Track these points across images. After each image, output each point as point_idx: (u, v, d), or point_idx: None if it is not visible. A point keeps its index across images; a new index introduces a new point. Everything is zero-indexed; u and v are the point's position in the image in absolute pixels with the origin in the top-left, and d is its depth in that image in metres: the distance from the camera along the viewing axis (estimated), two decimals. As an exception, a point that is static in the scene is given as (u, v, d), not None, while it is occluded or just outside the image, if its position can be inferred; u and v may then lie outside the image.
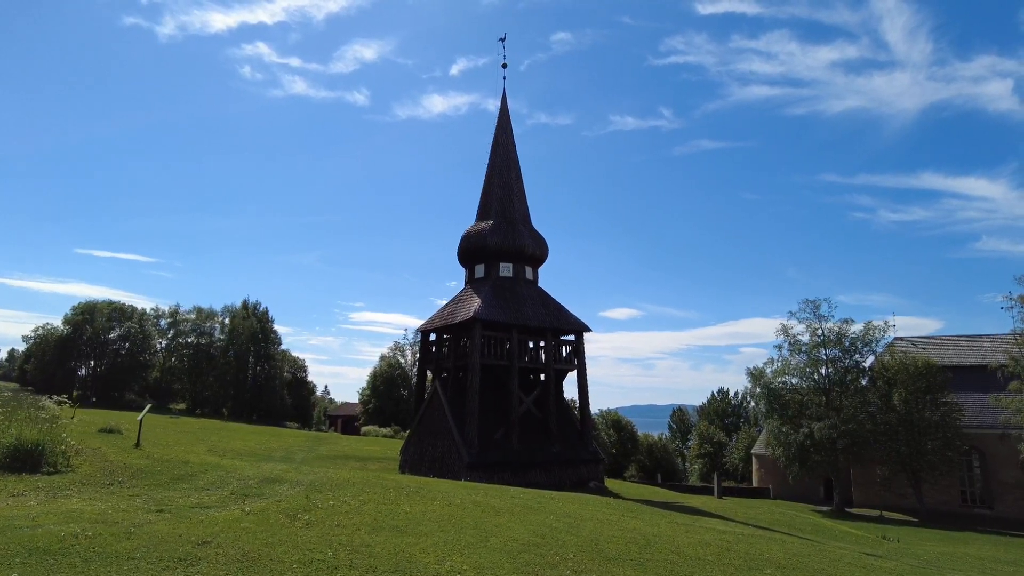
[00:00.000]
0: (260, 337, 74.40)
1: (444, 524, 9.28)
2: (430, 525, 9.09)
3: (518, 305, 27.69)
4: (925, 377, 35.19)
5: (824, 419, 35.11)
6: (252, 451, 29.66)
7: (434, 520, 9.55)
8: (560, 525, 10.52)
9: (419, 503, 11.07)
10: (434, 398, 27.33)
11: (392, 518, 9.33)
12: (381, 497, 11.27)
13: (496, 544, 8.24)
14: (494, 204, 29.81)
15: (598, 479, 27.98)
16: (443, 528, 8.95)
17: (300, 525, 8.09)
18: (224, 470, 12.86)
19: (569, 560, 7.80)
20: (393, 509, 10.16)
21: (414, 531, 8.52)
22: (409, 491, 12.43)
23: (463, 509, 11.04)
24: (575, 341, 29.74)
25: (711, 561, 9.14)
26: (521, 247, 28.82)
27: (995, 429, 34.84)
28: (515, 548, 8.13)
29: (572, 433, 28.84)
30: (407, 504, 10.80)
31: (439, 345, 29.56)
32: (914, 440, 34.19)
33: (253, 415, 70.57)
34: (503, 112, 32.15)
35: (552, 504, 13.89)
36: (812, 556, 11.28)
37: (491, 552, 7.74)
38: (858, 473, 38.46)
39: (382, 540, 7.65)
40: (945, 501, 36.21)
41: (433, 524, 9.24)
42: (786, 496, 41.41)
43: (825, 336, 37.73)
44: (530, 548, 8.23)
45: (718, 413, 62.66)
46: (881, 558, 13.52)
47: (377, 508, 10.05)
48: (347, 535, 7.72)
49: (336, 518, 8.85)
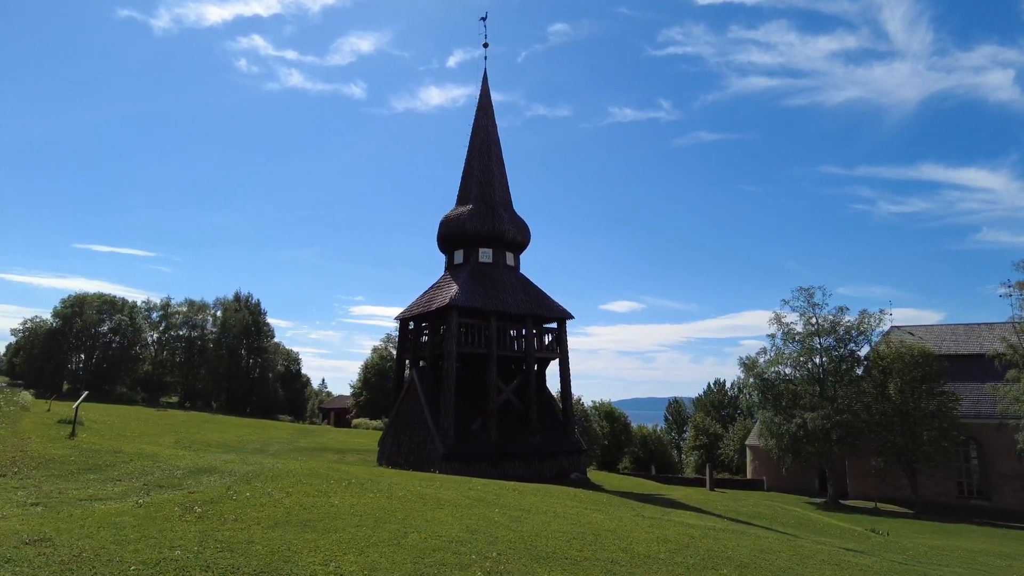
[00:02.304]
0: (252, 330, 73.68)
1: (365, 519, 8.44)
2: (348, 520, 8.26)
3: (497, 291, 26.77)
4: (921, 366, 34.26)
5: (818, 409, 34.22)
6: (225, 443, 28.90)
7: (357, 515, 8.71)
8: (503, 520, 9.68)
9: (353, 496, 10.25)
10: (411, 388, 26.48)
11: (308, 512, 8.50)
12: (313, 489, 10.44)
13: (413, 541, 7.40)
14: (474, 188, 28.83)
15: (580, 470, 27.14)
16: (361, 524, 8.11)
17: (189, 519, 7.26)
18: (155, 460, 12.04)
19: (489, 559, 6.95)
20: (317, 502, 9.33)
21: (323, 527, 7.68)
22: (351, 483, 11.59)
23: (401, 503, 10.22)
24: (557, 329, 28.83)
25: (662, 559, 8.30)
26: (501, 232, 27.86)
27: (993, 419, 33.89)
28: (433, 546, 7.29)
29: (554, 423, 27.97)
30: (338, 497, 9.96)
31: (417, 334, 28.69)
32: (910, 431, 33.30)
33: (246, 408, 69.98)
34: (484, 94, 31.12)
35: (510, 497, 13.06)
36: (781, 552, 10.44)
37: (400, 550, 6.90)
38: (853, 464, 37.58)
39: (275, 536, 6.81)
40: (941, 493, 35.32)
41: (353, 519, 8.41)
42: (781, 488, 40.57)
43: (819, 325, 36.78)
44: (452, 545, 7.39)
45: (714, 405, 61.80)
46: (861, 553, 12.65)
47: (298, 501, 9.22)
48: (235, 531, 6.88)
49: (242, 511, 8.01)
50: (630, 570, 7.40)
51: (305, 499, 9.48)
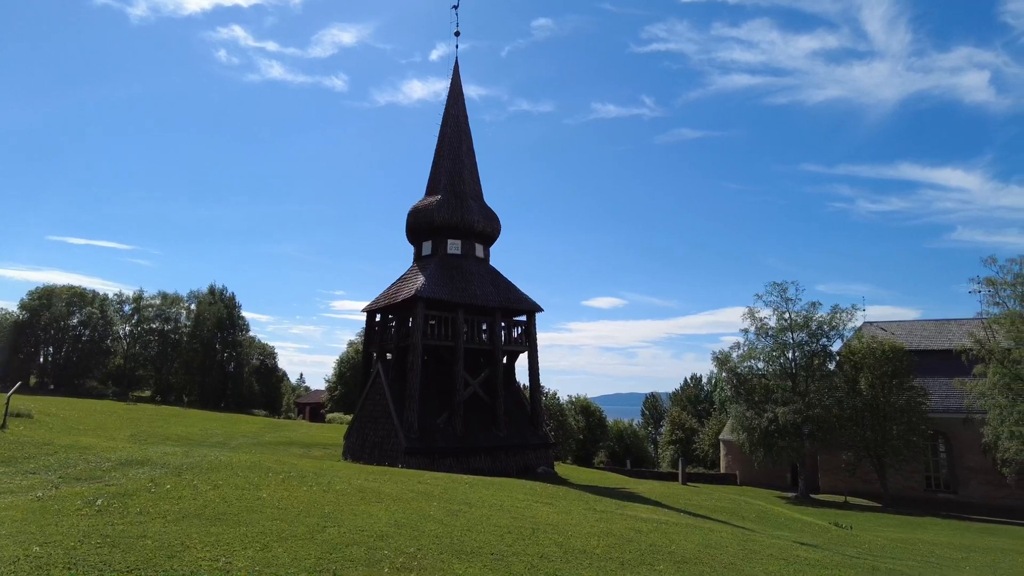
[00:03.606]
0: (227, 323, 72.71)
1: (287, 513, 8.04)
2: (268, 513, 7.86)
3: (465, 283, 26.36)
4: (892, 361, 34.43)
5: (790, 404, 34.25)
6: (187, 437, 28.29)
7: (281, 508, 8.32)
8: (439, 514, 9.33)
9: (286, 489, 9.83)
10: (376, 382, 26.02)
11: (228, 505, 8.09)
12: (245, 482, 10.02)
13: (328, 536, 7.02)
14: (443, 178, 28.35)
15: (548, 464, 26.87)
16: (281, 517, 7.72)
17: (85, 513, 6.83)
18: (84, 453, 11.54)
19: (405, 555, 6.59)
20: (243, 495, 8.91)
21: (237, 520, 7.28)
22: (289, 476, 11.18)
23: (336, 496, 9.83)
24: (527, 322, 28.51)
25: (597, 555, 7.99)
26: (470, 223, 27.44)
27: (960, 413, 34.16)
28: (349, 540, 6.92)
29: (522, 417, 27.66)
30: (269, 490, 9.55)
31: (384, 326, 28.21)
32: (880, 425, 33.47)
33: (220, 403, 69.08)
34: (455, 83, 30.60)
35: (459, 490, 12.71)
36: (730, 548, 10.18)
37: (310, 545, 6.52)
38: (824, 459, 37.77)
39: (174, 531, 6.41)
40: (910, 486, 35.57)
41: (275, 512, 8.02)
42: (753, 482, 40.69)
43: (792, 320, 36.82)
44: (370, 540, 7.02)
45: (690, 400, 61.93)
46: (815, 548, 12.46)
47: (223, 494, 8.80)
48: (130, 525, 6.46)
49: (152, 505, 7.59)
50: (558, 566, 7.07)
51: (232, 492, 9.07)
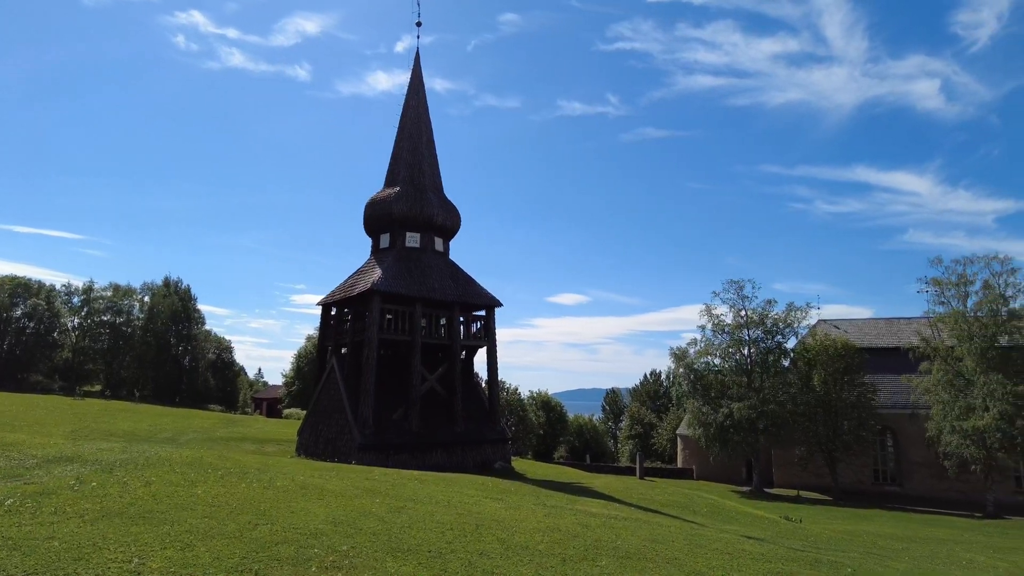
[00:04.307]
0: (182, 316, 70.96)
1: (220, 510, 7.73)
2: (199, 511, 7.54)
3: (424, 277, 26.04)
4: (843, 358, 35.30)
5: (745, 400, 34.84)
6: (133, 432, 27.39)
7: (214, 505, 8.00)
8: (381, 510, 9.11)
9: (224, 486, 9.49)
10: (330, 376, 25.57)
11: (157, 503, 7.73)
12: (181, 478, 9.64)
13: (259, 534, 6.76)
14: (402, 170, 27.91)
15: (505, 459, 26.79)
16: (212, 515, 7.41)
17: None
18: (6, 449, 10.99)
19: (337, 553, 6.37)
20: (176, 492, 8.55)
21: (163, 519, 6.95)
22: (230, 472, 10.82)
23: (276, 492, 9.52)
24: (486, 316, 28.33)
25: (540, 551, 7.86)
26: (430, 216, 27.10)
27: (907, 409, 35.21)
28: (280, 539, 6.67)
29: (480, 412, 27.51)
30: (205, 487, 9.20)
31: (340, 320, 27.72)
32: (831, 420, 34.30)
33: (175, 397, 67.43)
34: (415, 74, 30.16)
35: (408, 486, 12.50)
36: (676, 542, 10.17)
37: (237, 543, 6.25)
38: (778, 454, 38.50)
39: (88, 531, 6.07)
40: (859, 480, 36.54)
41: (207, 509, 7.70)
42: (709, 477, 41.32)
43: (748, 317, 37.42)
44: (302, 538, 6.78)
45: (649, 395, 62.61)
46: (761, 541, 12.59)
47: (154, 491, 8.43)
48: (39, 526, 6.10)
49: (71, 504, 7.20)
50: (496, 563, 6.93)
51: (164, 489, 8.69)
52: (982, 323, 30.43)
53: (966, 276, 31.98)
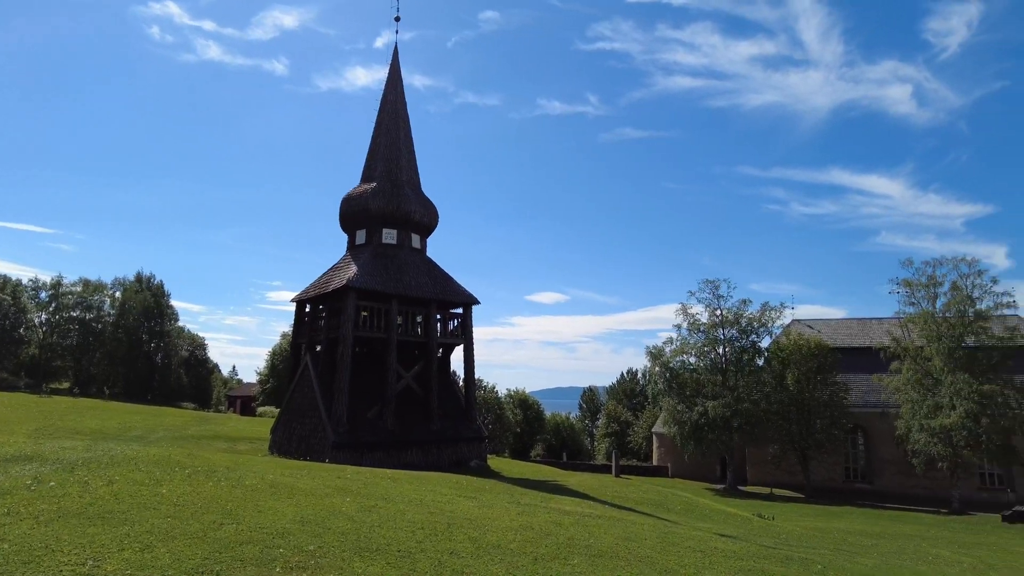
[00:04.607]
0: (155, 312, 69.69)
1: (184, 510, 7.55)
2: (163, 511, 7.35)
3: (400, 274, 25.82)
4: (817, 358, 35.75)
5: (720, 398, 35.13)
6: (101, 431, 26.82)
7: (178, 505, 7.81)
8: (351, 509, 8.97)
9: (190, 485, 9.28)
10: (304, 374, 25.25)
11: (118, 503, 7.53)
12: (146, 477, 9.41)
13: (224, 534, 6.60)
14: (379, 166, 27.64)
15: (481, 458, 26.70)
16: (176, 515, 7.23)
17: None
18: (-35, 448, 10.65)
19: (304, 553, 6.24)
20: (139, 492, 8.34)
21: (124, 519, 6.77)
22: (198, 471, 10.60)
23: (244, 492, 9.34)
24: (463, 314, 28.19)
25: (512, 550, 7.80)
26: (407, 212, 26.88)
27: (877, 408, 35.79)
28: (245, 539, 6.52)
29: (456, 410, 27.37)
30: (171, 486, 8.98)
31: (314, 317, 27.39)
32: (804, 419, 34.70)
33: (147, 395, 66.21)
34: (394, 69, 29.88)
35: (380, 485, 12.37)
36: (648, 540, 10.17)
37: (200, 543, 6.10)
38: (752, 452, 38.91)
39: (43, 532, 5.88)
40: (830, 477, 37.06)
41: (171, 509, 7.52)
42: (684, 474, 41.61)
43: (723, 317, 37.75)
44: (268, 538, 6.63)
45: (626, 393, 62.92)
46: (733, 539, 12.66)
47: (116, 491, 8.20)
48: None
49: (25, 505, 6.98)
50: (467, 562, 6.85)
51: (127, 488, 8.47)
52: (950, 323, 31.02)
53: (935, 278, 32.59)
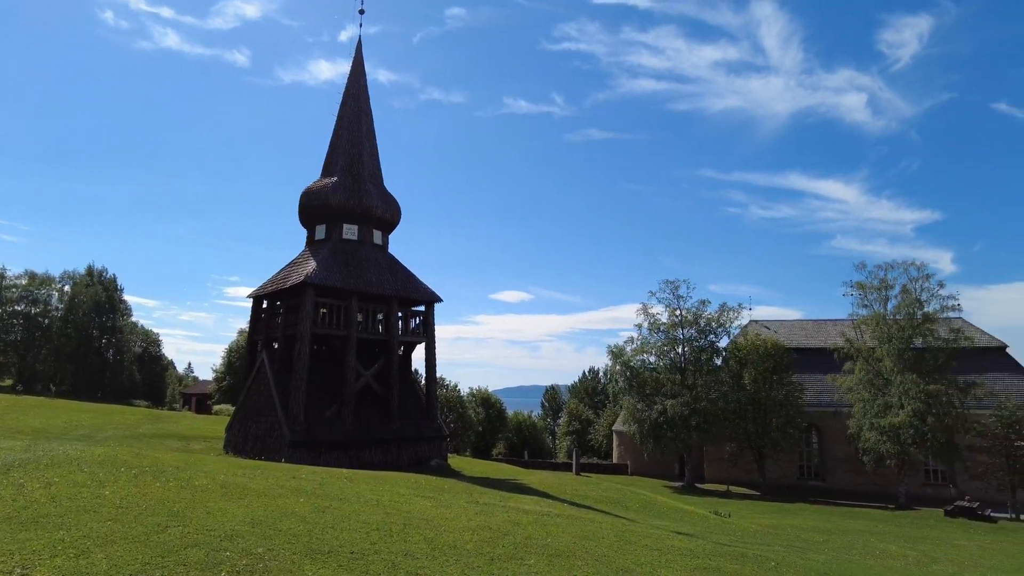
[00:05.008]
0: (106, 307, 67.47)
1: (128, 512, 7.25)
2: (104, 514, 7.04)
3: (361, 270, 25.44)
4: (773, 358, 36.47)
5: (678, 397, 35.57)
6: (45, 429, 25.82)
7: (122, 507, 7.50)
8: (305, 510, 8.75)
9: (136, 486, 8.94)
10: (260, 371, 24.67)
11: (55, 506, 7.20)
12: (89, 479, 9.04)
13: (168, 537, 6.34)
14: (340, 160, 27.17)
15: (441, 457, 26.51)
16: (118, 518, 6.93)
17: None
18: None
19: (252, 556, 6.04)
20: (80, 494, 7.99)
21: (58, 523, 6.45)
22: (145, 471, 10.24)
23: (193, 492, 9.04)
24: (425, 312, 27.94)
25: (468, 550, 7.69)
26: (368, 208, 26.48)
27: (831, 407, 36.73)
28: (191, 541, 6.28)
29: (417, 409, 27.13)
30: (114, 487, 8.63)
31: (272, 313, 26.80)
32: (760, 418, 35.37)
33: (97, 393, 64.05)
34: (357, 62, 29.39)
35: (336, 485, 12.14)
36: (606, 539, 10.18)
37: (142, 547, 5.85)
38: (709, 450, 39.51)
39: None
40: (785, 475, 37.88)
41: (113, 511, 7.21)
42: (643, 472, 42.03)
43: (683, 317, 38.26)
44: (215, 541, 6.40)
45: (587, 392, 63.38)
46: (690, 537, 12.79)
47: (54, 493, 7.85)
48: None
49: (-47, 508, 6.61)
50: (422, 564, 6.72)
51: (66, 491, 8.10)
52: (900, 325, 32.02)
53: (887, 281, 33.61)
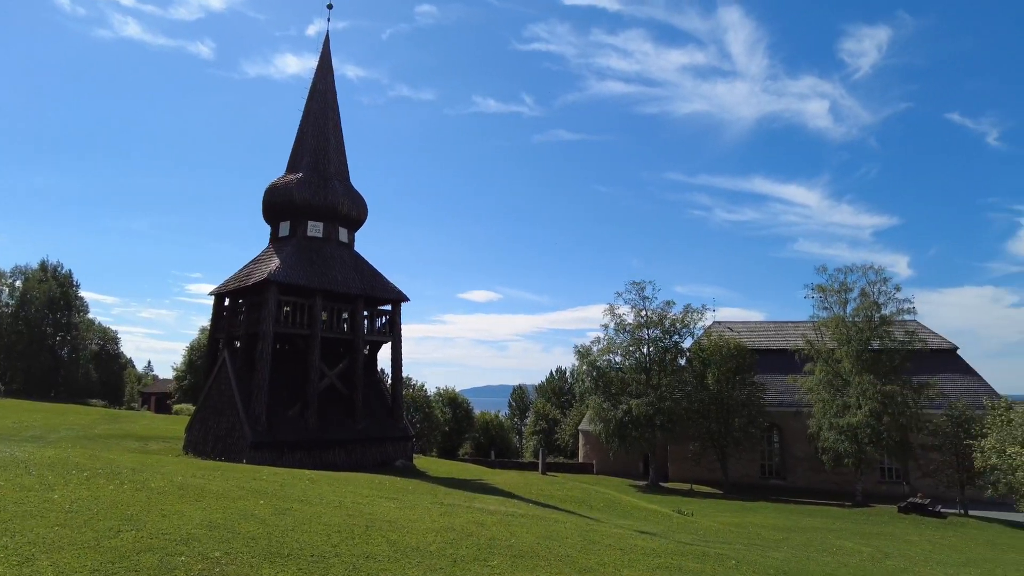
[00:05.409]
0: (61, 303, 65.50)
1: (78, 516, 7.00)
2: (52, 518, 6.78)
3: (326, 268, 25.12)
4: (736, 359, 37.12)
5: (643, 396, 35.96)
6: (-7, 430, 24.91)
7: (72, 511, 7.23)
8: (264, 512, 8.58)
9: (88, 488, 8.64)
10: (222, 370, 24.17)
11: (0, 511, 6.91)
12: (36, 482, 8.70)
13: (121, 542, 6.14)
14: (306, 156, 26.75)
15: (407, 457, 26.33)
16: (67, 522, 6.68)
17: None
18: None
19: (209, 560, 5.87)
20: (27, 497, 7.68)
21: (1, 531, 6.20)
22: (99, 473, 9.92)
23: (149, 495, 8.77)
24: (391, 311, 27.72)
25: (431, 552, 7.62)
26: (334, 204, 26.13)
27: (792, 407, 37.52)
28: (145, 546, 6.08)
29: (382, 409, 26.89)
30: (65, 490, 8.33)
31: (233, 311, 26.29)
32: (723, 417, 35.97)
33: (50, 391, 62.14)
34: (324, 56, 28.96)
35: (298, 486, 11.95)
36: (570, 539, 10.21)
37: (92, 553, 5.64)
38: (673, 449, 40.02)
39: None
40: (747, 474, 38.58)
41: (62, 516, 6.94)
42: (609, 471, 42.39)
43: (648, 317, 38.70)
44: (170, 545, 6.21)
45: (555, 391, 63.71)
46: (653, 536, 12.92)
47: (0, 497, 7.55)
48: None
49: None
50: (383, 566, 6.63)
51: (12, 495, 7.79)
52: (859, 327, 32.87)
53: (846, 284, 34.49)
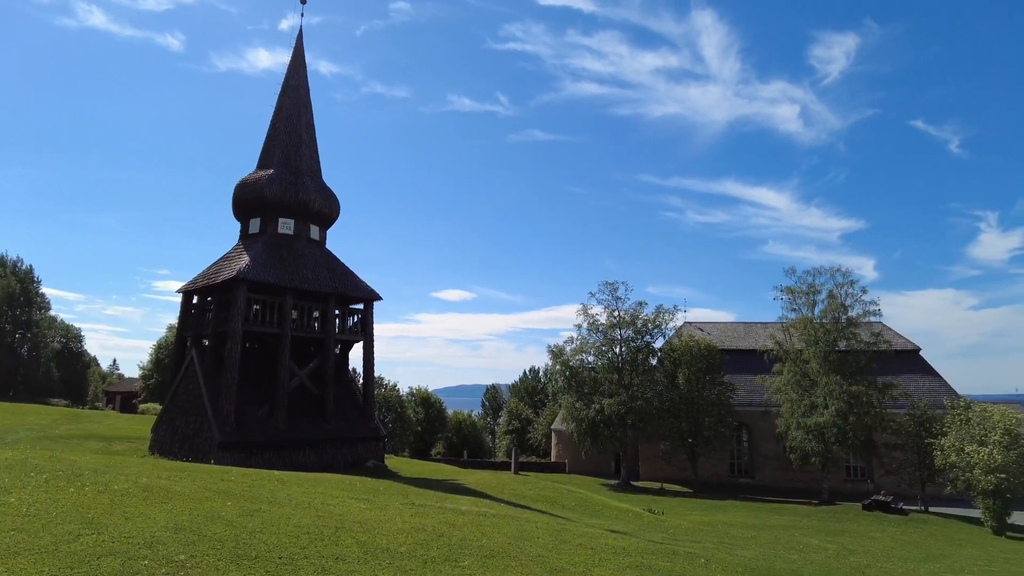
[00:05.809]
0: (20, 300, 63.69)
1: (35, 520, 6.80)
2: (4, 524, 6.57)
3: (297, 266, 24.80)
4: (706, 359, 37.53)
5: (615, 396, 36.19)
6: (-52, 431, 24.13)
7: (28, 515, 7.01)
8: (232, 514, 8.43)
9: (47, 491, 8.40)
10: (189, 369, 23.73)
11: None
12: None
13: (80, 546, 5.97)
14: (277, 152, 26.35)
15: (378, 458, 26.13)
16: (23, 527, 6.47)
17: None
18: None
19: (173, 564, 5.75)
20: (-20, 502, 7.46)
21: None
22: (59, 475, 9.64)
23: (112, 497, 8.56)
24: (364, 310, 27.48)
25: (401, 553, 7.57)
26: (306, 201, 25.81)
27: (760, 407, 38.08)
28: (106, 551, 5.93)
29: (353, 410, 26.64)
30: (22, 493, 8.09)
31: (202, 309, 25.81)
32: (694, 417, 36.36)
33: (9, 391, 60.38)
34: (297, 52, 28.55)
35: (267, 487, 11.78)
36: (541, 539, 10.24)
37: (49, 559, 5.48)
38: (644, 448, 40.34)
39: None
40: (716, 473, 39.06)
41: (18, 520, 6.73)
42: (581, 470, 42.57)
43: (620, 317, 38.97)
44: (133, 549, 6.07)
45: (528, 391, 63.79)
46: (624, 535, 13.00)
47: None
48: None
49: None
50: (353, 568, 6.57)
51: (-39, 498, 7.56)
52: (826, 329, 33.48)
53: (815, 286, 35.13)
